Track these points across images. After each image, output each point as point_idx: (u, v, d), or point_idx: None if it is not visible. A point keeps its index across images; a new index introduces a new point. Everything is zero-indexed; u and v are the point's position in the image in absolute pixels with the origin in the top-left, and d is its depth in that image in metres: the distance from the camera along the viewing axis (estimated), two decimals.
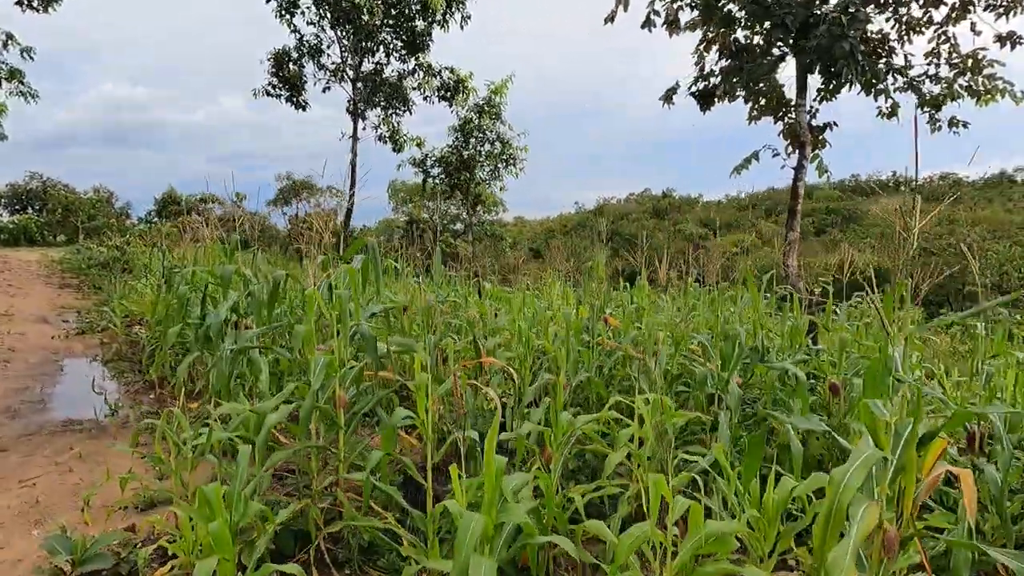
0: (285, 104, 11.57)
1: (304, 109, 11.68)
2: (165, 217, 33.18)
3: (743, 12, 6.40)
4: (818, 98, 6.83)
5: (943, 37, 6.27)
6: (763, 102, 6.99)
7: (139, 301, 9.75)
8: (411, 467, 2.32)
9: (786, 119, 7.09)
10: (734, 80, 6.86)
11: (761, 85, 6.97)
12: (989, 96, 6.42)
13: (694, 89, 7.13)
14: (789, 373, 3.12)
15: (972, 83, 6.44)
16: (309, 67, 11.38)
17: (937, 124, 6.66)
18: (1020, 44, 5.89)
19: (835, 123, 6.56)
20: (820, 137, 6.62)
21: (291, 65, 11.24)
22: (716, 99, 7.12)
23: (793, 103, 6.83)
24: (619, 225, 60.07)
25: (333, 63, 11.53)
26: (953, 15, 6.18)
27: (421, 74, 10.92)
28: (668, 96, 7.06)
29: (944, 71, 6.57)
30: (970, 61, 6.41)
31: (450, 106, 12.08)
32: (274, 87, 11.50)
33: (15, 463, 4.21)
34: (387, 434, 2.21)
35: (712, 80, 7.18)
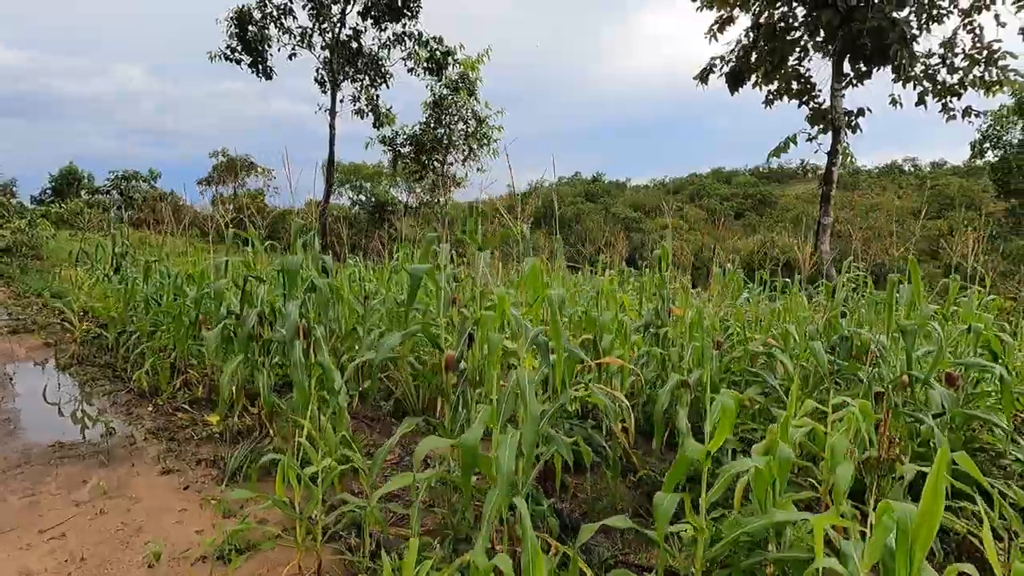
0: (248, 70, 10.29)
1: (269, 77, 10.47)
2: (66, 196, 29.34)
3: None
4: (845, 83, 6.85)
5: (969, 26, 6.43)
6: (794, 86, 6.93)
7: (88, 293, 8.40)
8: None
9: (810, 104, 7.07)
10: (768, 60, 6.73)
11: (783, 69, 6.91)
12: (998, 87, 6.67)
13: (727, 70, 6.94)
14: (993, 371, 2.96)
15: (986, 74, 6.66)
16: (273, 31, 10.17)
17: (951, 113, 6.86)
18: None
19: (869, 108, 6.62)
20: (854, 122, 6.65)
21: (250, 27, 9.98)
22: (744, 81, 6.98)
23: (826, 88, 6.79)
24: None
25: (300, 27, 10.37)
26: (979, 3, 6.34)
27: (410, 43, 10.00)
28: (703, 76, 6.83)
29: (959, 61, 6.76)
30: (985, 52, 6.62)
31: (438, 80, 11.21)
32: (233, 51, 10.18)
33: (19, 506, 3.34)
34: (680, 465, 1.78)
35: (742, 61, 7.02)
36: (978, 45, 6.71)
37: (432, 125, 12.86)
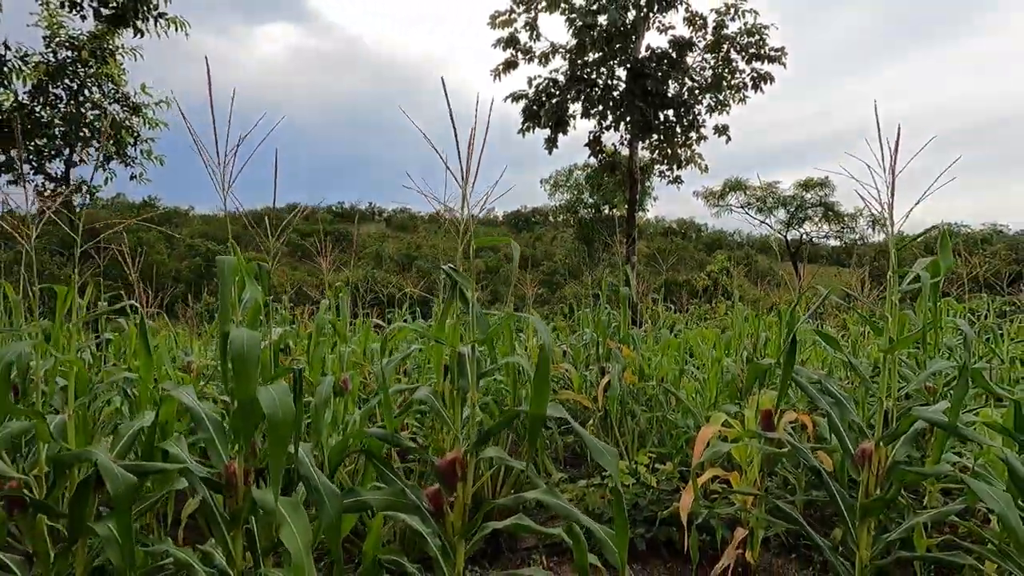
0: None
1: None
2: None
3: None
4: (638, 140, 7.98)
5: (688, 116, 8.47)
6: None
7: None
8: None
9: (599, 156, 7.95)
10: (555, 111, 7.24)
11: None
12: (687, 165, 9.01)
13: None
14: None
15: (682, 152, 8.92)
16: None
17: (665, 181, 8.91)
18: (726, 134, 8.64)
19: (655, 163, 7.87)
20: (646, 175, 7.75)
21: None
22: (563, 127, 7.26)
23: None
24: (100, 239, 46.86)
25: None
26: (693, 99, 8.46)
27: None
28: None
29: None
30: (682, 138, 8.88)
31: (136, 34, 6.52)
32: None
33: None
34: None
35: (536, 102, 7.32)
36: (694, 129, 9.02)
37: (40, 101, 8.09)
